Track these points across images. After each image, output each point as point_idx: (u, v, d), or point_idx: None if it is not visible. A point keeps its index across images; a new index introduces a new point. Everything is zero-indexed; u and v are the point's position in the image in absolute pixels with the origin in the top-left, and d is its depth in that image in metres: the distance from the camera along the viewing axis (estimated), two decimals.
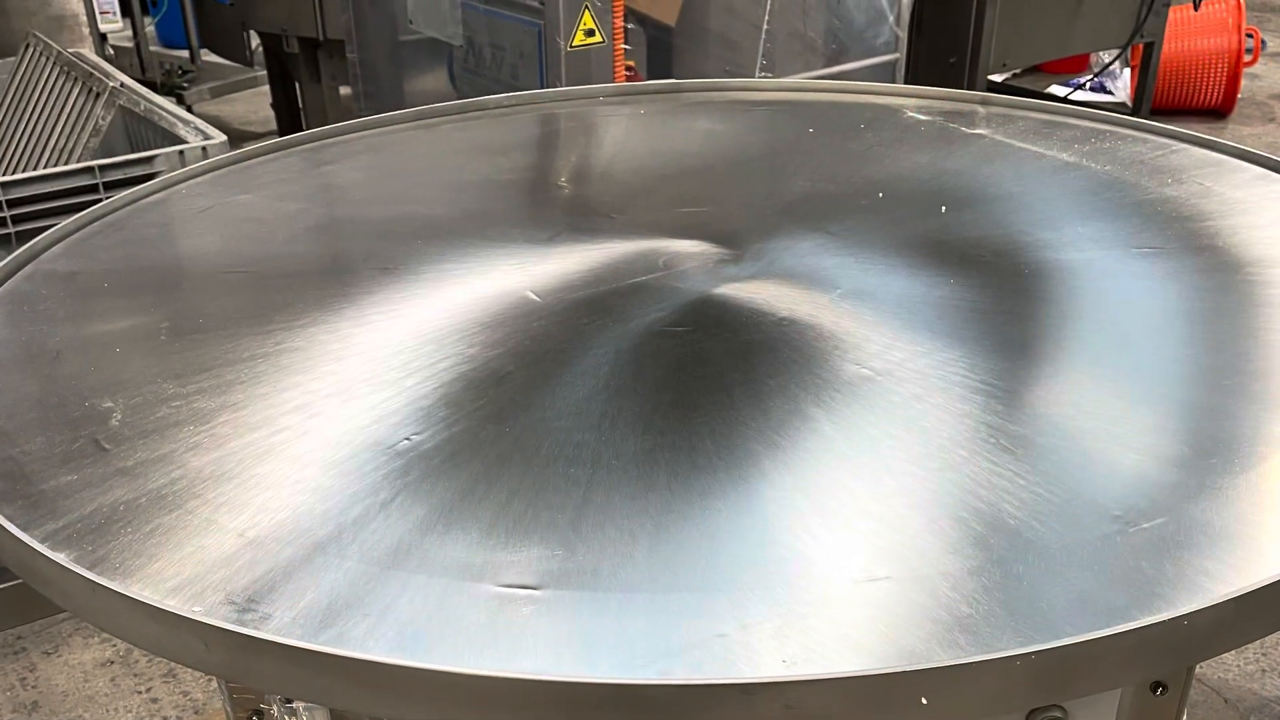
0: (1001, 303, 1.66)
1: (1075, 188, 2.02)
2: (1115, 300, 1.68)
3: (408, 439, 1.36)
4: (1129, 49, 5.76)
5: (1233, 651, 3.14)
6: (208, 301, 1.77)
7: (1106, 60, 6.67)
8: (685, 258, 1.80)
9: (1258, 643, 3.23)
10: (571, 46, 3.61)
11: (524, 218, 2.09)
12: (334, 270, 1.90)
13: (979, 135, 2.28)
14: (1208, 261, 1.74)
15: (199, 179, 2.18)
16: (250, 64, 6.45)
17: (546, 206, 2.17)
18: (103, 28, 6.50)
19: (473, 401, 1.45)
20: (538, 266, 1.81)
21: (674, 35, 4.06)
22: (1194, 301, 1.66)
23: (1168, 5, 5.45)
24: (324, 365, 1.55)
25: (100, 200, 2.05)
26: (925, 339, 1.55)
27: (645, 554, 1.18)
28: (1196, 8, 5.76)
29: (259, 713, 1.55)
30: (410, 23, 4.22)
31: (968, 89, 4.28)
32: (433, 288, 1.77)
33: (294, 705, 1.41)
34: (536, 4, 3.71)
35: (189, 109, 5.13)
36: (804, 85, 2.62)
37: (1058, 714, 1.25)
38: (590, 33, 3.67)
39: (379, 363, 1.54)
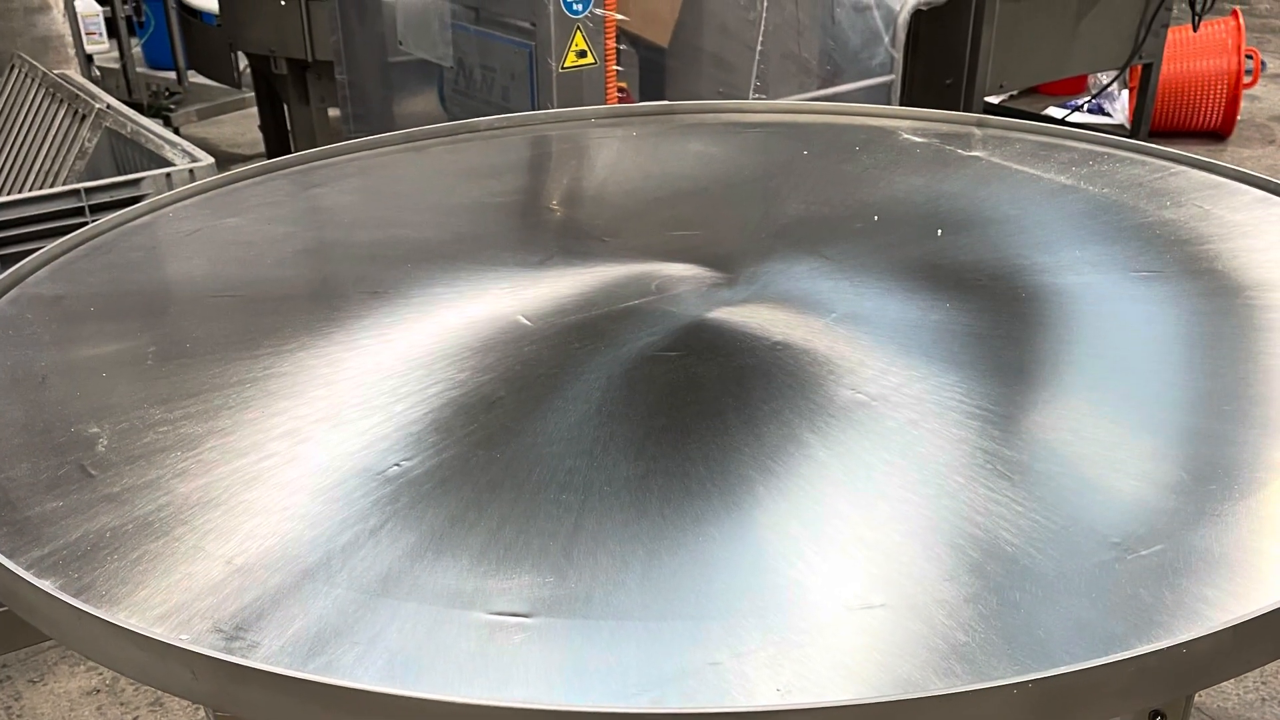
0: (998, 327, 1.65)
1: (1073, 210, 2.01)
2: (1113, 324, 1.67)
3: (397, 465, 1.35)
4: (1127, 70, 5.75)
5: (1232, 680, 3.12)
6: (195, 325, 1.75)
7: (1104, 82, 6.66)
8: (678, 281, 1.78)
9: (1257, 671, 3.21)
10: (563, 68, 3.60)
11: (515, 241, 2.08)
12: (323, 294, 1.89)
13: (975, 157, 2.27)
14: (1207, 285, 1.73)
15: (186, 201, 2.16)
16: (238, 85, 6.45)
17: (538, 229, 2.16)
18: (89, 49, 6.49)
19: (463, 427, 1.43)
20: (529, 290, 1.80)
21: (667, 56, 4.06)
22: (1193, 326, 1.65)
23: (1166, 26, 5.45)
24: (313, 390, 1.53)
25: (86, 223, 2.03)
26: (921, 363, 1.54)
27: (638, 581, 1.16)
28: (1196, 29, 5.77)
29: None
30: (400, 44, 4.21)
31: (964, 111, 4.28)
32: (423, 312, 1.75)
33: None
34: (528, 25, 3.70)
35: (176, 131, 5.12)
36: (798, 107, 2.62)
37: None
38: (582, 54, 3.66)
39: (368, 388, 1.53)
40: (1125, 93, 6.89)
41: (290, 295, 1.84)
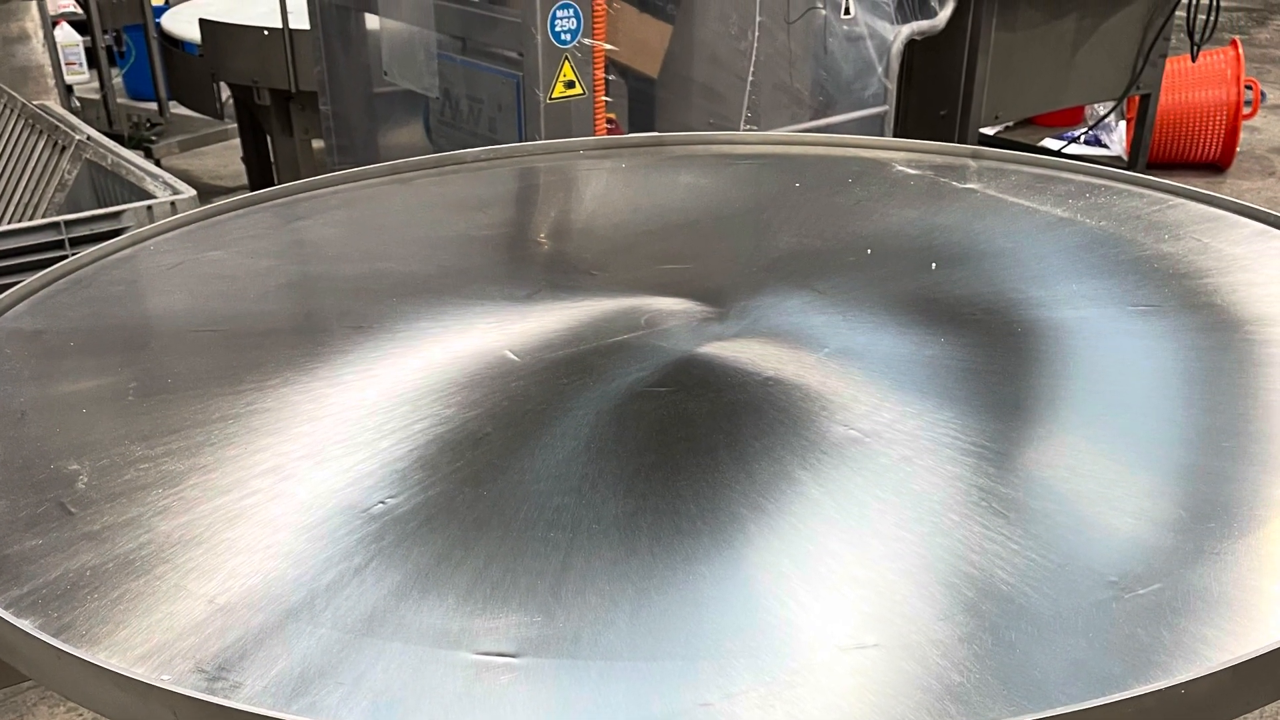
0: (993, 362, 1.63)
1: (1069, 244, 2.00)
2: (1111, 360, 1.65)
3: (382, 502, 1.32)
4: (1124, 101, 5.74)
5: None
6: (177, 360, 1.72)
7: (1101, 113, 6.63)
8: (667, 315, 1.76)
9: (1256, 713, 3.19)
10: (551, 99, 3.59)
11: (502, 275, 2.06)
12: (307, 329, 1.86)
13: (970, 190, 2.25)
14: (1205, 320, 1.71)
15: (168, 235, 2.13)
16: (220, 117, 6.42)
17: (525, 263, 2.14)
18: (69, 79, 6.48)
19: (449, 464, 1.41)
20: (516, 325, 1.77)
21: (657, 87, 4.05)
22: (1191, 361, 1.63)
23: (1164, 56, 5.46)
24: (296, 426, 1.51)
25: (66, 256, 2.00)
26: (915, 399, 1.52)
27: (627, 620, 1.14)
28: (1194, 59, 5.77)
29: None
30: (385, 74, 4.20)
31: (959, 142, 4.27)
32: (408, 347, 1.73)
33: None
34: (515, 55, 3.69)
35: (157, 162, 5.10)
36: (789, 139, 2.60)
37: None
38: (570, 84, 3.65)
39: (353, 424, 1.50)
40: (1122, 124, 6.87)
41: (274, 330, 1.82)
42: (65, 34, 7.84)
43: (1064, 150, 6.33)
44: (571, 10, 3.62)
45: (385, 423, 1.49)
